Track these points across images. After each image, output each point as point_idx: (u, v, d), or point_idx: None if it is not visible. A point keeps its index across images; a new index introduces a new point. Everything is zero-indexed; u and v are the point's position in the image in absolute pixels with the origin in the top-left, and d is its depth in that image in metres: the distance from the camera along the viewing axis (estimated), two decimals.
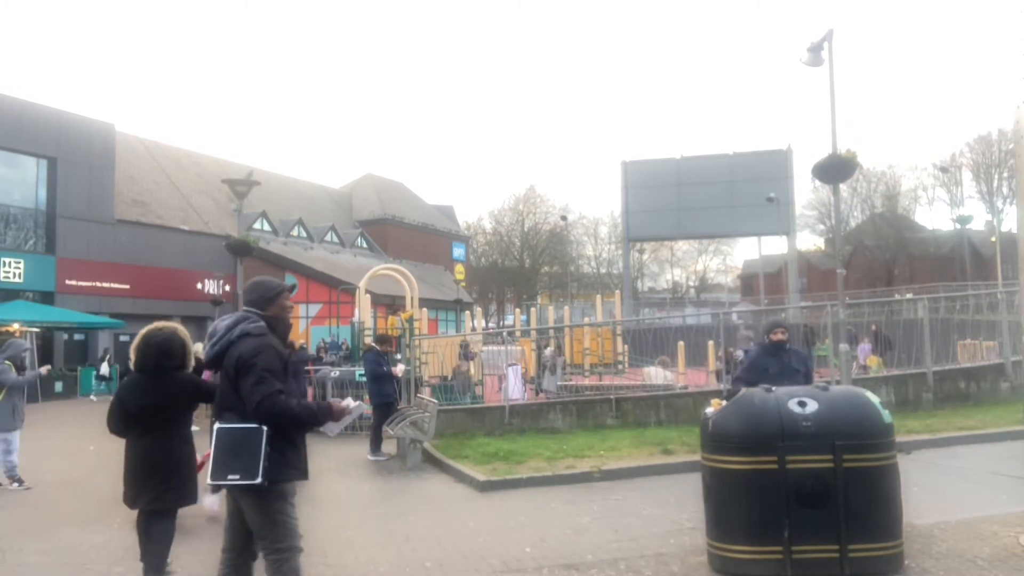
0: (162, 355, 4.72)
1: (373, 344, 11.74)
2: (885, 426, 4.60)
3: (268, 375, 3.45)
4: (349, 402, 3.76)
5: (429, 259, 46.17)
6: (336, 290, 29.60)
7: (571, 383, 15.33)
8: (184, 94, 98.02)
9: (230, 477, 3.39)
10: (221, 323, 3.70)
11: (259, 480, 3.37)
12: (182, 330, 4.97)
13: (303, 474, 3.65)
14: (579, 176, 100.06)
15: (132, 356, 4.84)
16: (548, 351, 15.27)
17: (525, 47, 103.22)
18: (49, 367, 11.63)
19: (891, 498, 4.54)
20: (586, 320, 23.66)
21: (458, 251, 51.04)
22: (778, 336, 6.43)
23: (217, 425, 3.47)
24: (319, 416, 3.62)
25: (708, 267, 67.79)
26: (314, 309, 32.43)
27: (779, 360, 6.30)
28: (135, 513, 4.98)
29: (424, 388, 13.48)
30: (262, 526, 3.53)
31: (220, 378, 3.68)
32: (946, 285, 38.00)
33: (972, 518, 5.84)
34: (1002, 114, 55.50)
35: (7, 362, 8.58)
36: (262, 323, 3.66)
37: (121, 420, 4.82)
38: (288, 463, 3.53)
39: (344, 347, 24.47)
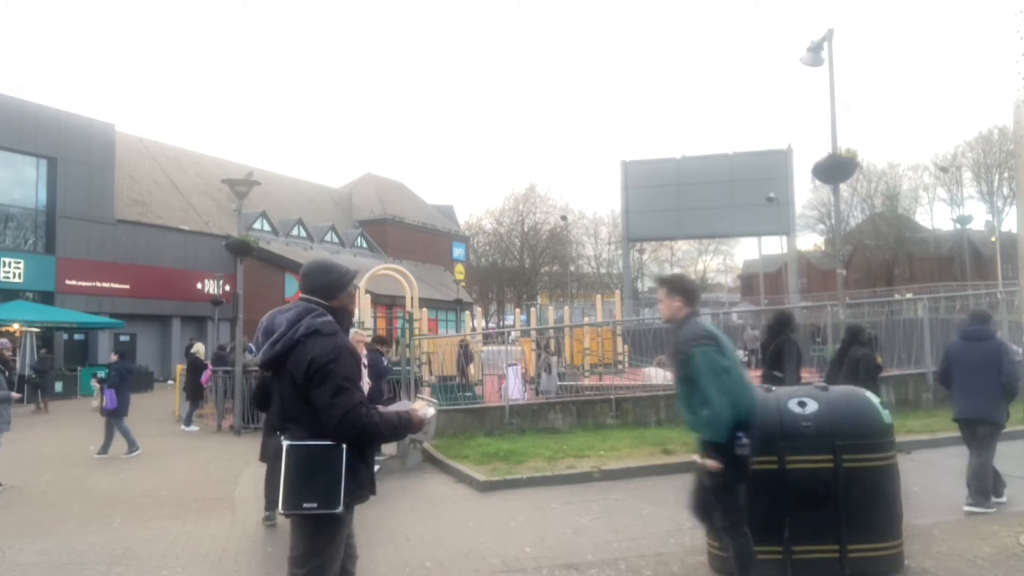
0: None
1: (378, 347, 11.76)
2: (885, 426, 4.60)
3: (348, 384, 2.95)
4: (428, 411, 3.24)
5: (429, 259, 46.15)
6: None
7: (571, 383, 15.32)
8: (184, 94, 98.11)
9: (306, 505, 2.90)
10: (281, 316, 3.11)
11: (340, 509, 2.93)
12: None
13: (372, 490, 3.19)
14: (579, 176, 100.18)
15: None
16: (543, 352, 15.39)
17: (525, 47, 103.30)
18: (20, 395, 11.54)
19: (891, 498, 4.54)
20: (586, 320, 23.65)
21: (458, 251, 51.02)
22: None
23: (287, 442, 2.93)
24: (400, 431, 3.12)
25: (708, 267, 67.82)
26: None
27: None
28: (134, 513, 5.00)
29: (424, 388, 13.47)
30: (303, 554, 3.03)
31: (274, 383, 3.15)
32: (946, 285, 38.01)
33: (972, 518, 5.84)
34: (1003, 113, 55.59)
35: None
36: (330, 317, 3.09)
37: None
38: (360, 483, 3.05)
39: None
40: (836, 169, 11.58)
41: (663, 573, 4.91)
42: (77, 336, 26.00)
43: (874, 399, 4.74)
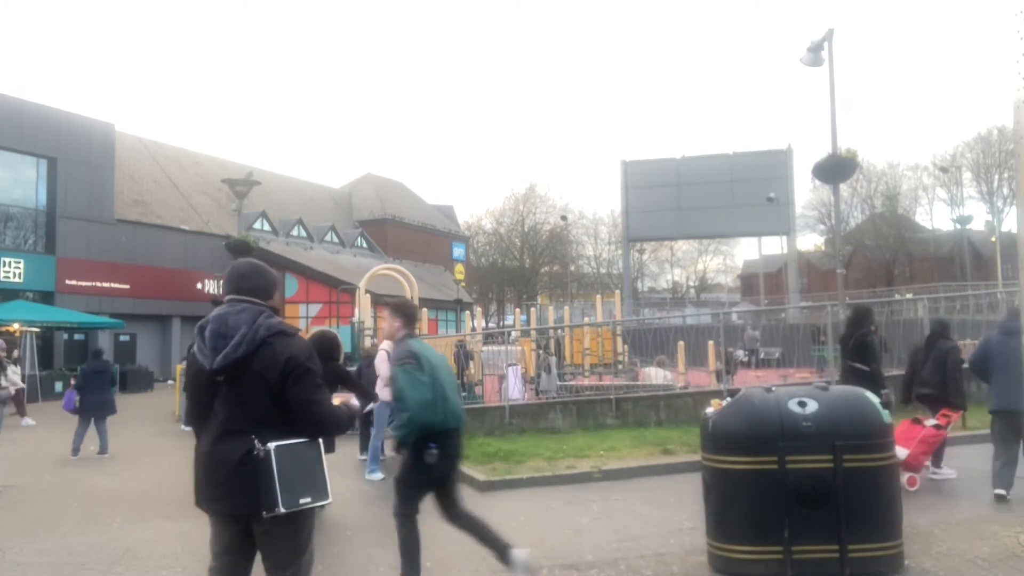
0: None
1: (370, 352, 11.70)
2: (885, 426, 4.60)
3: (321, 381, 3.11)
4: (355, 402, 3.61)
5: (429, 259, 46.14)
6: (336, 290, 29.61)
7: (571, 383, 15.32)
8: (184, 94, 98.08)
9: (302, 501, 2.99)
10: (235, 317, 3.07)
11: (330, 499, 3.14)
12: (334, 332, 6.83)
13: None
14: (579, 176, 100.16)
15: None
16: (542, 352, 15.41)
17: (525, 47, 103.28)
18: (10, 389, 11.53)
19: (891, 498, 4.54)
20: (586, 320, 23.65)
21: (458, 251, 51.01)
22: None
23: (274, 444, 2.93)
24: (352, 422, 3.40)
25: (708, 267, 67.85)
26: (314, 309, 32.43)
27: None
28: (134, 513, 5.00)
29: None
30: (289, 555, 3.08)
31: (229, 388, 3.05)
32: (946, 285, 38.01)
33: (972, 518, 5.84)
34: (1002, 113, 55.61)
35: None
36: (279, 318, 3.20)
37: None
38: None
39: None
40: (836, 169, 11.62)
41: (663, 573, 4.91)
42: (77, 336, 25.99)
43: (874, 399, 4.74)
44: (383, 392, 8.60)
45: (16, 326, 20.98)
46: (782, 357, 17.98)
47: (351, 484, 8.73)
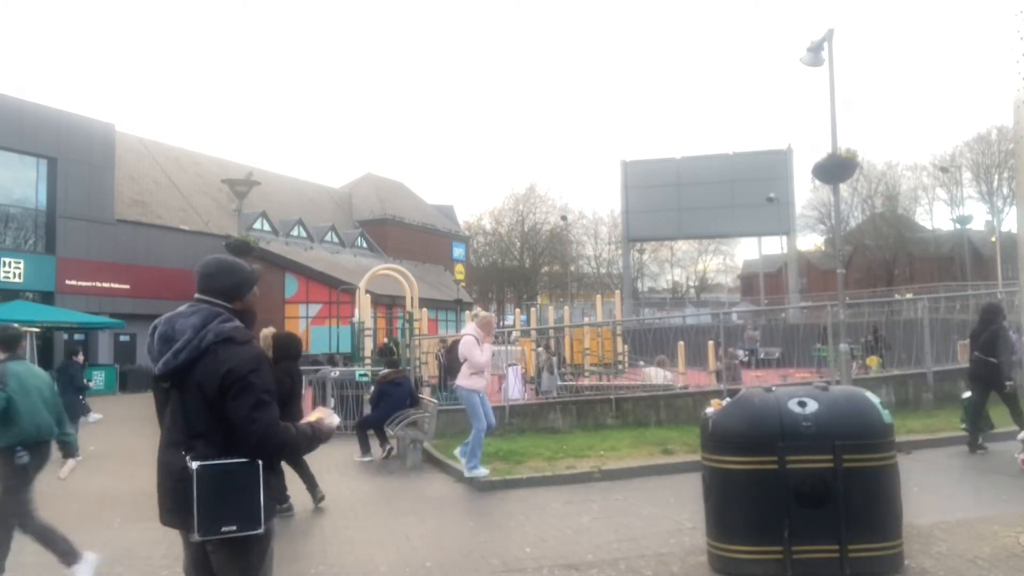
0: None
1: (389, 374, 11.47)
2: (885, 426, 4.60)
3: (268, 397, 2.75)
4: (333, 420, 3.10)
5: (429, 259, 46.15)
6: (336, 290, 29.60)
7: (571, 383, 15.32)
8: (184, 94, 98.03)
9: (224, 529, 2.67)
10: (183, 321, 2.82)
11: (261, 529, 2.76)
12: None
13: (283, 497, 3.00)
14: (579, 176, 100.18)
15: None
16: (542, 351, 15.41)
17: (525, 47, 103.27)
18: None
19: (891, 498, 4.54)
20: (586, 320, 23.65)
21: (458, 251, 51.03)
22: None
23: (196, 463, 2.65)
24: (314, 443, 2.98)
25: (708, 267, 67.86)
26: (314, 309, 32.43)
27: None
28: (134, 513, 5.03)
29: (424, 388, 13.48)
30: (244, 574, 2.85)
31: (173, 395, 2.84)
32: (946, 285, 38.02)
33: (972, 518, 5.84)
34: (1002, 113, 55.55)
35: None
36: (239, 323, 2.87)
37: None
38: (273, 495, 2.92)
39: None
40: (836, 169, 11.62)
41: (663, 573, 4.91)
42: (77, 336, 25.99)
43: (874, 399, 4.74)
44: (469, 380, 8.35)
45: (16, 326, 20.95)
46: (782, 357, 17.99)
47: (351, 484, 8.73)
